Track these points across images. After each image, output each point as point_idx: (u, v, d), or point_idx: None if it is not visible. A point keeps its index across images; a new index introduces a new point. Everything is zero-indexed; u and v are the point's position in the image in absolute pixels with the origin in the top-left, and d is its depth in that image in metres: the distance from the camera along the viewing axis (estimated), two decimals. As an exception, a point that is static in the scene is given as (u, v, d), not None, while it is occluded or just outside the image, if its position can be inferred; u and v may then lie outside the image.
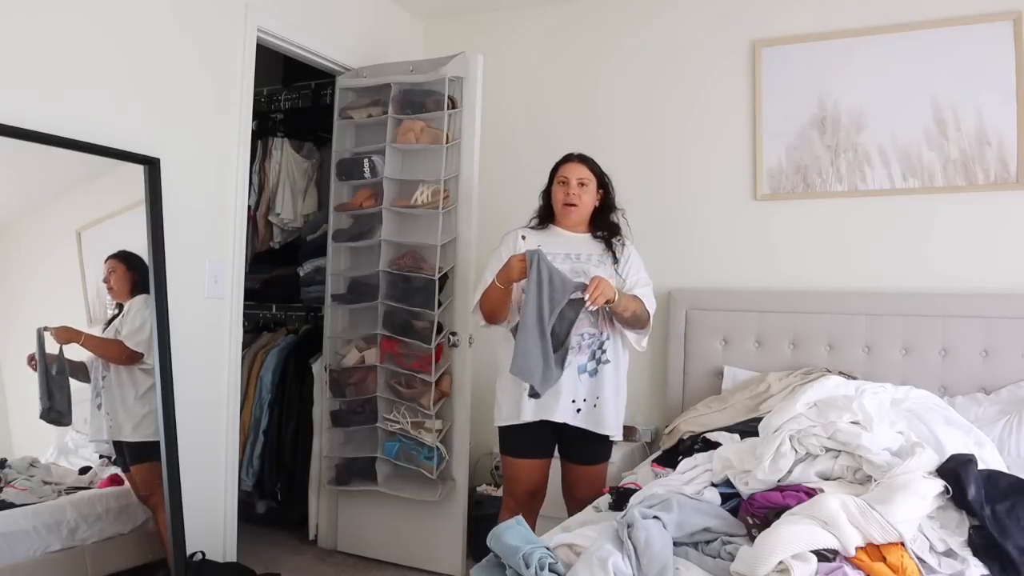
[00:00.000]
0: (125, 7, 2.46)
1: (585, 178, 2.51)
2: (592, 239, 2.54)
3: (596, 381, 2.43)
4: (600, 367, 2.44)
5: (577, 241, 2.52)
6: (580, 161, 2.55)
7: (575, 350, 2.40)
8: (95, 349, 2.43)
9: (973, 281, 2.96)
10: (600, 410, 2.42)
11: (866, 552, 1.46)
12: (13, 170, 2.19)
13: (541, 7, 3.76)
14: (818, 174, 3.22)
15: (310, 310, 3.70)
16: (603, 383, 2.43)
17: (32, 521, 2.22)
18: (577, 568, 1.41)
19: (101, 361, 2.44)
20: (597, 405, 2.42)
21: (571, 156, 2.57)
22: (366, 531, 3.29)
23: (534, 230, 2.57)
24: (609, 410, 2.43)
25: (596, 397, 2.42)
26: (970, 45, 2.99)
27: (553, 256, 2.41)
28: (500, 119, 3.58)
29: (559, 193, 2.51)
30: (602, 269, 2.45)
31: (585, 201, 2.51)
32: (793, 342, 3.14)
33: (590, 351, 2.44)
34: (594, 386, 2.43)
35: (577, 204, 2.50)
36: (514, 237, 2.54)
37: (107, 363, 2.45)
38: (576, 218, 2.53)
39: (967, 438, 1.94)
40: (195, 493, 2.62)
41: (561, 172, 2.53)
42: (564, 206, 2.50)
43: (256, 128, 3.49)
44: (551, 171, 2.59)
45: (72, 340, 2.36)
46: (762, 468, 1.74)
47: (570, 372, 2.40)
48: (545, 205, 2.59)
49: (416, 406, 3.07)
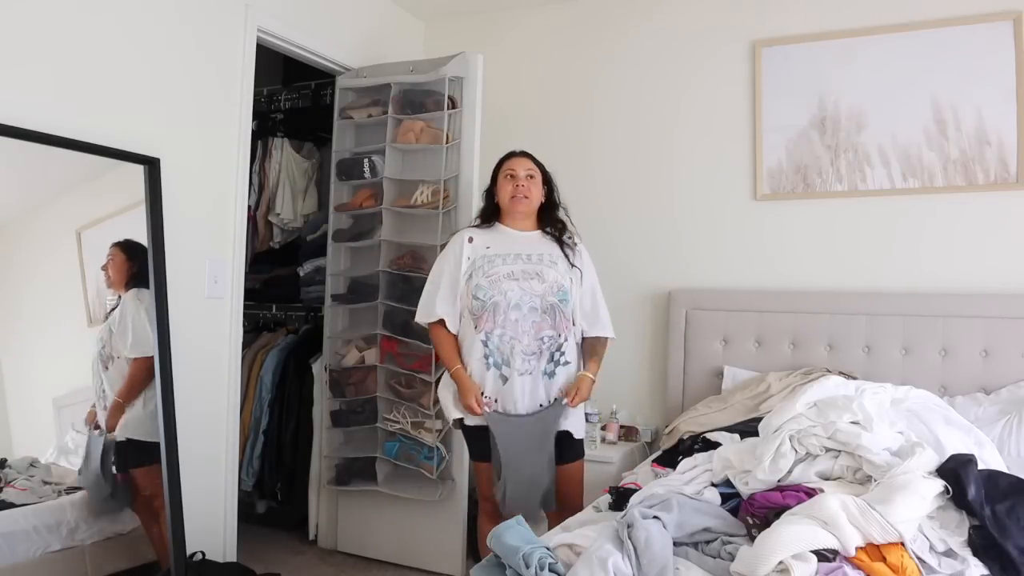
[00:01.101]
0: (126, 7, 2.46)
1: (532, 170, 2.51)
2: (542, 236, 2.52)
3: (554, 382, 2.43)
4: (558, 368, 2.43)
5: (527, 240, 2.50)
6: (524, 155, 2.54)
7: (536, 355, 2.42)
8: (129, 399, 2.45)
9: (973, 281, 2.96)
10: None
11: (866, 552, 1.46)
12: (13, 170, 2.19)
13: (541, 7, 3.76)
14: (818, 174, 3.22)
15: (310, 310, 3.70)
16: (560, 384, 2.43)
17: (32, 521, 2.22)
18: (577, 568, 1.41)
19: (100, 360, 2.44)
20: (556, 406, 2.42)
21: (514, 152, 2.57)
22: (366, 531, 3.29)
23: (480, 229, 2.54)
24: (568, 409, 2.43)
25: (555, 399, 2.42)
26: (970, 45, 2.99)
27: (504, 257, 2.41)
28: (500, 119, 3.58)
29: (507, 187, 2.48)
30: (555, 269, 2.45)
31: (534, 194, 2.50)
32: (793, 342, 3.14)
33: (548, 353, 2.43)
34: (552, 387, 2.43)
35: (528, 196, 2.48)
36: (460, 239, 2.51)
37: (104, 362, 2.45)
38: (525, 211, 2.51)
39: (967, 438, 1.94)
40: (195, 493, 2.61)
41: (507, 166, 2.52)
42: (513, 199, 2.48)
43: (256, 128, 3.49)
44: (494, 169, 2.58)
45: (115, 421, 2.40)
46: (762, 468, 1.74)
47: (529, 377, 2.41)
48: (489, 204, 2.57)
49: (416, 406, 3.08)
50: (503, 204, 2.51)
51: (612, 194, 3.55)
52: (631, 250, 3.51)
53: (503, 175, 2.52)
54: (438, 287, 2.49)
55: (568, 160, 3.49)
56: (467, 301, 2.45)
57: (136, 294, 2.49)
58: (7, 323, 2.22)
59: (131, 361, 2.45)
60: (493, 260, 2.42)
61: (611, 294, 3.32)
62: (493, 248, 2.45)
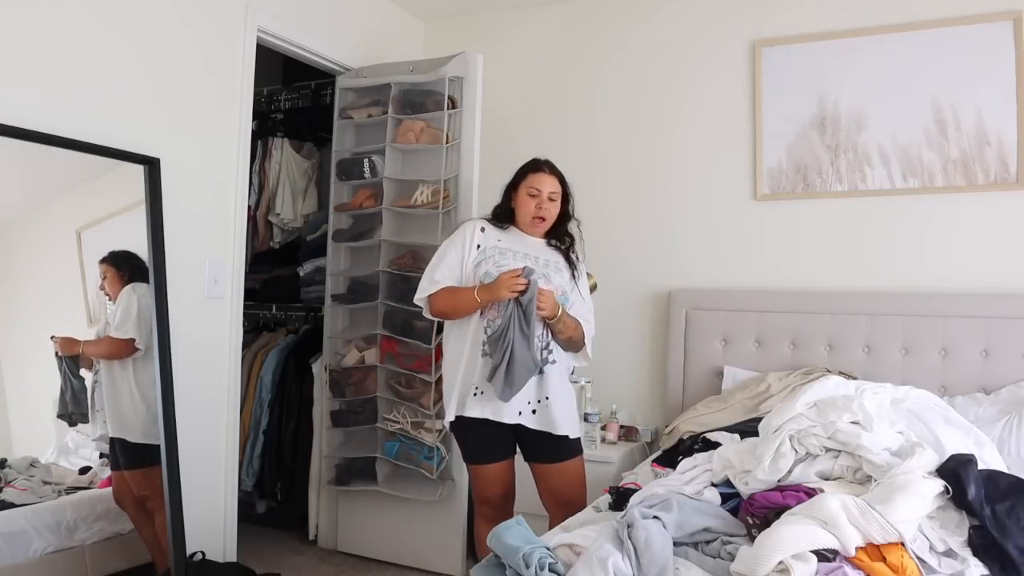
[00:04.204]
0: (126, 7, 2.46)
1: (555, 192, 2.47)
2: (546, 246, 2.52)
3: (542, 381, 2.40)
4: (546, 368, 2.42)
5: (536, 245, 2.50)
6: (551, 173, 2.50)
7: None
8: (93, 354, 2.42)
9: (973, 281, 2.96)
10: (550, 410, 2.38)
11: (866, 552, 1.46)
12: (13, 170, 2.19)
13: (541, 7, 3.76)
14: (818, 174, 3.22)
15: (310, 310, 3.70)
16: (549, 383, 2.40)
17: (32, 521, 2.22)
18: (577, 568, 1.41)
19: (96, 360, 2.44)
20: (547, 406, 2.39)
21: (541, 165, 2.51)
22: (366, 531, 3.29)
23: (492, 225, 2.52)
24: (558, 410, 2.39)
25: (545, 397, 2.39)
26: (970, 45, 2.99)
27: (515, 253, 2.41)
28: (500, 119, 3.58)
29: (529, 204, 2.46)
30: (560, 275, 2.45)
31: (552, 215, 2.49)
32: (793, 342, 3.14)
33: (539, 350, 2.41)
34: (541, 387, 2.40)
35: (547, 219, 2.48)
36: (473, 227, 2.49)
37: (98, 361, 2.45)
38: (542, 231, 2.51)
39: (967, 438, 1.94)
40: (195, 493, 2.62)
41: (532, 182, 2.47)
42: (534, 219, 2.46)
43: (256, 128, 3.49)
44: (517, 174, 2.53)
45: (72, 351, 2.36)
46: (762, 468, 1.74)
47: None
48: (506, 207, 2.54)
49: (416, 406, 3.08)
50: (521, 216, 2.50)
51: (612, 194, 3.55)
52: (631, 250, 3.51)
53: (525, 189, 2.48)
54: (441, 261, 2.46)
55: (568, 160, 3.44)
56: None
57: (132, 287, 2.49)
58: (7, 323, 2.22)
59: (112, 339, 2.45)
60: (504, 253, 2.42)
61: (611, 294, 3.35)
62: (504, 243, 2.44)
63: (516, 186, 2.52)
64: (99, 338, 2.44)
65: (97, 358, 2.43)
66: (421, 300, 2.46)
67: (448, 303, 2.41)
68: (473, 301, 2.34)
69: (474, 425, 2.40)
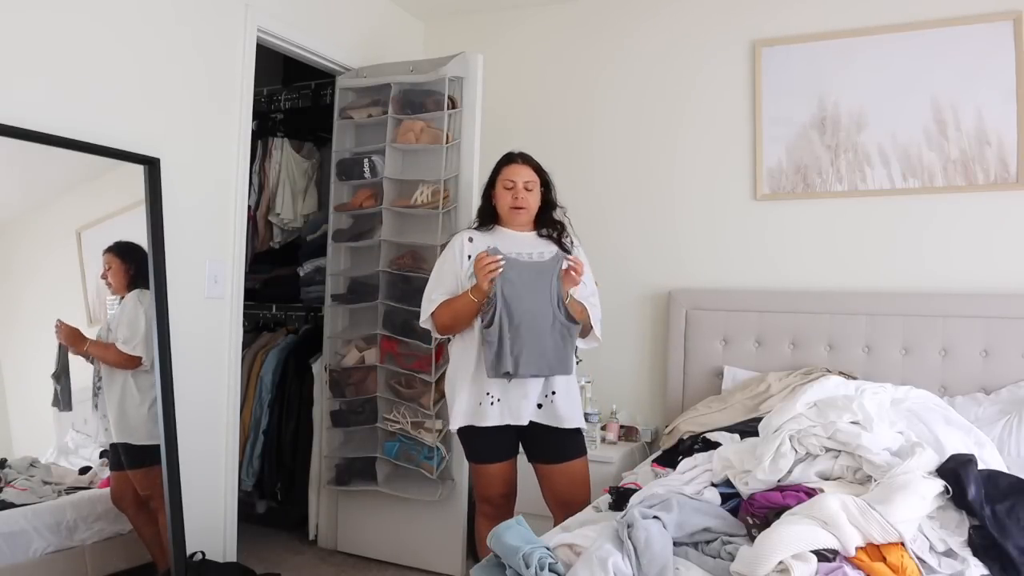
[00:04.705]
0: (126, 7, 2.46)
1: (531, 181, 2.47)
2: (537, 238, 2.51)
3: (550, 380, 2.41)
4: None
5: (527, 240, 2.49)
6: (524, 162, 2.50)
7: None
8: (98, 357, 2.42)
9: (973, 281, 2.96)
10: (555, 404, 2.40)
11: (866, 552, 1.46)
12: (13, 170, 2.19)
13: (541, 7, 3.76)
14: (818, 174, 3.22)
15: (310, 310, 3.70)
16: (555, 378, 2.41)
17: (32, 521, 2.22)
18: (577, 568, 1.41)
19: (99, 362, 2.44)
20: (553, 400, 2.40)
21: (514, 157, 2.51)
22: (366, 531, 3.29)
23: (480, 231, 2.53)
24: (564, 403, 2.41)
25: (552, 392, 2.40)
26: (970, 45, 2.99)
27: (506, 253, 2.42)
28: (500, 119, 3.58)
29: (506, 197, 2.47)
30: None
31: (532, 204, 2.48)
32: (793, 342, 3.14)
33: None
34: (546, 382, 2.41)
35: (525, 207, 2.47)
36: (460, 240, 2.50)
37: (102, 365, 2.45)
38: (524, 220, 2.51)
39: (967, 438, 1.94)
40: (195, 493, 2.62)
41: (506, 175, 2.48)
42: (512, 210, 2.47)
43: (256, 128, 3.49)
44: (492, 172, 2.54)
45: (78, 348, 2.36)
46: (762, 468, 1.74)
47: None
48: (487, 207, 2.54)
49: (416, 406, 3.08)
50: (501, 211, 2.51)
51: (612, 194, 3.55)
52: (631, 250, 3.51)
53: (501, 183, 2.49)
54: (436, 280, 2.48)
55: (568, 160, 3.50)
56: None
57: (138, 295, 2.49)
58: (7, 323, 2.22)
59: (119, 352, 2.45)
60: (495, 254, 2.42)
61: (611, 294, 3.34)
62: (494, 245, 2.45)
63: (493, 183, 2.53)
64: (106, 344, 2.44)
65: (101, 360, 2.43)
66: (426, 323, 2.48)
67: (449, 314, 2.42)
68: (470, 302, 2.35)
69: (483, 429, 2.40)
